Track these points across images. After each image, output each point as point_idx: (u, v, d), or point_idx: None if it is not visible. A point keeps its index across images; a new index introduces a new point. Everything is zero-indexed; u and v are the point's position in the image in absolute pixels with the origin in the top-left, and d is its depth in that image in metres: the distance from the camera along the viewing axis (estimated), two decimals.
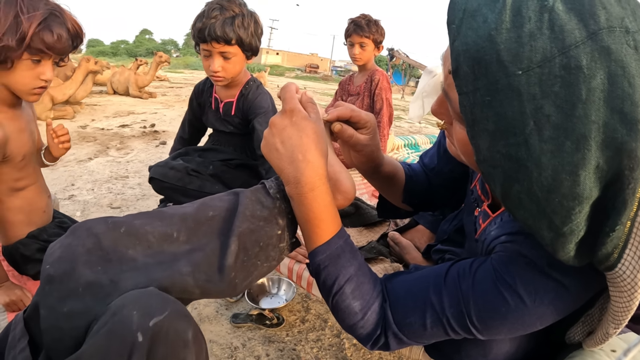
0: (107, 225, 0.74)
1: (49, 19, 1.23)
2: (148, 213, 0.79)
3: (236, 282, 0.78)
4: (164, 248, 0.74)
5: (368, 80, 2.94)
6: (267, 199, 0.83)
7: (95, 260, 0.70)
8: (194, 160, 1.99)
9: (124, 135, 5.98)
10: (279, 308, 2.08)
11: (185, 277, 0.72)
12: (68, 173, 4.26)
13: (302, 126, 0.80)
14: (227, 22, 1.70)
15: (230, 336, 1.93)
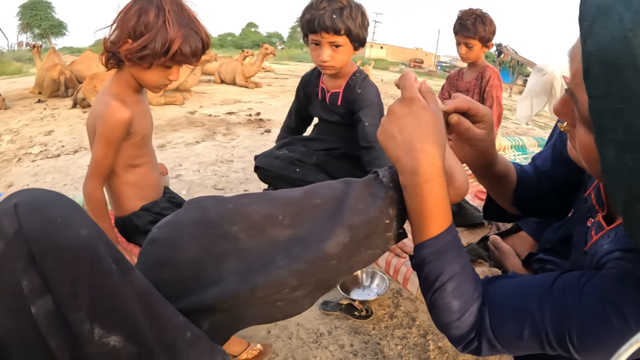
0: (215, 201, 0.81)
1: (191, 35, 1.39)
2: (256, 194, 0.83)
3: (337, 273, 0.81)
4: (267, 229, 0.77)
5: (478, 76, 2.89)
6: (380, 188, 0.82)
7: (201, 233, 0.75)
8: (298, 150, 2.07)
9: (230, 122, 6.28)
10: (369, 301, 2.11)
11: (281, 270, 0.74)
12: (176, 154, 4.59)
13: (421, 115, 0.79)
14: (336, 13, 1.75)
15: (318, 322, 2.00)
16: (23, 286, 0.57)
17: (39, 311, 0.57)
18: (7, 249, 0.57)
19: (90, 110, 1.50)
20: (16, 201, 0.60)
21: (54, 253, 0.58)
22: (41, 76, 8.96)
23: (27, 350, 0.59)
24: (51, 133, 5.74)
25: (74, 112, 7.13)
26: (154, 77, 1.44)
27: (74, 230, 0.61)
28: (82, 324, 0.58)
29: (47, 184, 3.90)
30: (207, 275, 0.74)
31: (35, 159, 4.65)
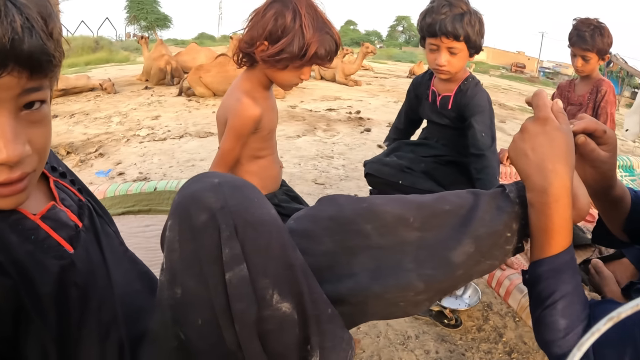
0: (350, 199, 0.89)
1: (326, 36, 1.44)
2: (389, 196, 0.90)
3: (459, 280, 0.87)
4: (397, 229, 0.84)
5: (593, 90, 2.73)
6: (506, 202, 0.87)
7: (336, 229, 0.84)
8: (406, 157, 2.07)
9: (330, 119, 6.33)
10: (459, 310, 2.13)
11: (410, 272, 0.81)
12: (278, 146, 4.65)
13: (554, 136, 0.83)
14: (456, 19, 1.79)
15: (407, 325, 2.03)
16: (224, 254, 0.65)
17: (233, 277, 0.65)
18: (212, 220, 0.65)
19: (222, 103, 1.58)
20: (217, 181, 0.69)
21: (254, 226, 0.68)
22: (149, 65, 9.54)
23: (205, 311, 0.67)
24: (157, 118, 6.06)
25: (179, 100, 7.50)
26: (288, 77, 1.50)
27: (267, 209, 0.71)
28: (265, 290, 0.67)
29: (153, 164, 4.12)
30: (340, 268, 0.82)
31: (142, 140, 4.92)
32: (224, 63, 7.61)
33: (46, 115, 0.65)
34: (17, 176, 0.61)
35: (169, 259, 0.70)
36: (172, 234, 0.68)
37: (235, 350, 0.68)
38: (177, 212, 0.68)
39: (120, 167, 4.04)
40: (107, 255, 0.81)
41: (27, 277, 0.65)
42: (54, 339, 0.68)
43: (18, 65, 0.55)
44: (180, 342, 0.71)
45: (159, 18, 40.14)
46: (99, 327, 0.74)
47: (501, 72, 39.95)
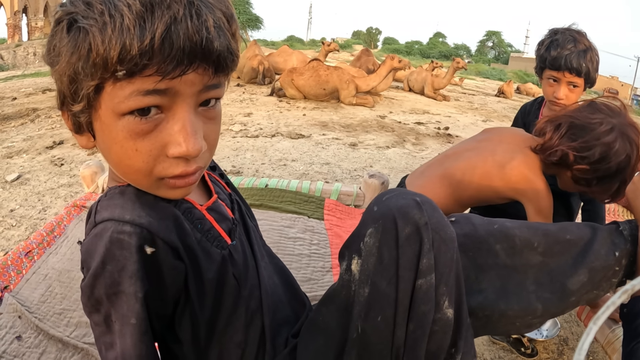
0: (483, 219, 0.99)
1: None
2: (517, 221, 0.99)
3: (569, 306, 0.95)
4: (523, 252, 0.92)
5: None
6: (620, 239, 0.93)
7: (469, 245, 0.93)
8: None
9: (419, 132, 6.28)
10: (537, 340, 2.10)
11: (531, 294, 0.90)
12: (367, 155, 4.69)
13: None
14: (581, 55, 1.81)
15: (485, 347, 2.05)
16: (421, 263, 0.73)
17: (424, 284, 0.73)
18: (417, 234, 0.73)
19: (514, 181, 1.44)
20: (419, 199, 0.77)
21: (446, 242, 0.76)
22: (242, 63, 9.82)
23: (387, 310, 0.75)
24: (250, 115, 6.23)
25: (270, 100, 7.69)
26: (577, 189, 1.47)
27: (451, 228, 0.79)
28: (442, 296, 0.76)
29: (246, 159, 4.23)
30: (470, 283, 0.90)
31: (235, 135, 5.08)
32: (316, 67, 7.75)
33: (220, 112, 0.68)
34: (193, 170, 0.64)
35: (365, 262, 0.77)
36: (373, 240, 0.76)
37: (400, 346, 0.75)
38: (382, 222, 0.76)
39: (214, 159, 4.15)
40: (254, 248, 0.86)
41: (196, 263, 0.70)
42: (206, 321, 0.74)
43: (205, 62, 0.58)
44: (356, 334, 0.78)
45: (251, 19, 41.19)
46: (245, 314, 0.79)
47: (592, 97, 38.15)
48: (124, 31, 0.52)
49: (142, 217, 0.64)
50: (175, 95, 0.59)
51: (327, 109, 7.36)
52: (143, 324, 0.64)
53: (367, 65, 11.14)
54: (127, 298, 0.63)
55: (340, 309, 0.81)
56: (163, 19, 0.53)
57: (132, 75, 0.55)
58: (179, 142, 0.60)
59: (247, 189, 1.89)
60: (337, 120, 6.45)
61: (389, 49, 45.05)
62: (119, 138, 0.60)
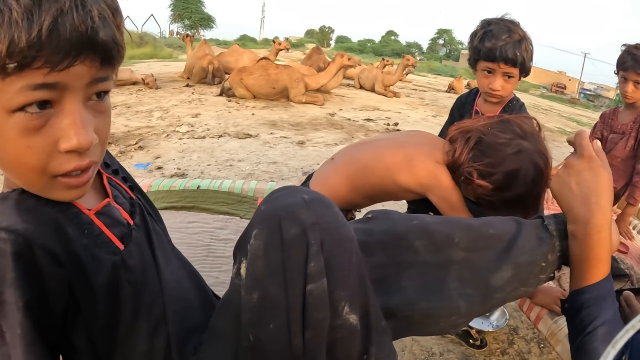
0: (402, 215, 0.96)
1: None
2: (439, 216, 0.99)
3: (495, 304, 0.95)
4: (444, 248, 0.89)
5: (637, 119, 2.64)
6: (546, 234, 0.93)
7: (388, 243, 0.89)
8: None
9: (369, 129, 6.32)
10: (486, 331, 2.13)
11: (453, 291, 0.87)
12: (316, 153, 4.70)
13: (599, 172, 0.89)
14: (516, 45, 1.78)
15: (433, 341, 2.04)
16: (309, 267, 0.69)
17: (315, 289, 0.69)
18: (303, 235, 0.69)
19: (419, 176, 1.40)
20: (308, 197, 0.73)
21: (340, 243, 0.73)
22: (191, 63, 9.71)
23: (280, 317, 0.70)
24: (198, 116, 6.14)
25: (220, 100, 7.59)
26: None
27: (349, 227, 0.76)
28: (340, 302, 0.72)
29: (192, 161, 4.16)
30: (389, 281, 0.87)
31: (182, 137, 4.99)
32: (266, 66, 7.71)
33: (109, 106, 0.68)
34: (86, 164, 0.63)
35: (252, 265, 0.72)
36: (259, 242, 0.71)
37: (300, 355, 0.72)
38: (267, 222, 0.72)
39: (159, 162, 4.09)
40: (157, 253, 0.84)
41: (80, 269, 0.67)
42: (102, 330, 0.71)
43: (92, 54, 0.58)
44: (249, 343, 0.74)
45: (203, 18, 40.81)
46: (148, 322, 0.77)
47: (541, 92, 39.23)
48: (12, 25, 0.53)
49: (18, 223, 0.61)
50: (64, 89, 0.59)
51: (277, 107, 7.33)
52: (29, 334, 0.61)
53: (318, 64, 11.15)
54: (10, 308, 0.60)
55: (233, 314, 0.77)
56: (50, 11, 0.54)
57: (22, 68, 0.55)
58: (70, 136, 0.60)
59: (179, 191, 1.84)
60: (286, 119, 6.42)
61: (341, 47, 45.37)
62: (11, 136, 0.59)
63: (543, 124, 7.99)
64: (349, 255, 0.73)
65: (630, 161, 2.66)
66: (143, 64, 13.80)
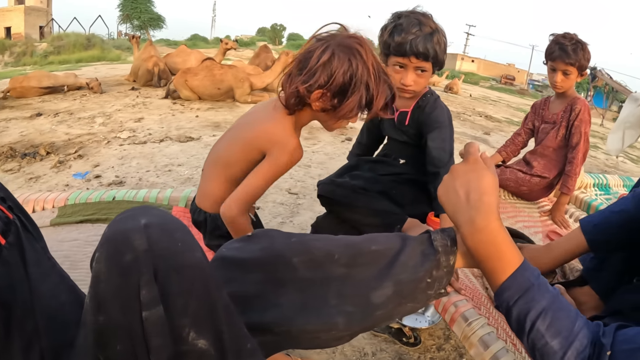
0: (282, 233, 0.96)
1: (386, 88, 1.39)
2: (322, 235, 0.97)
3: (378, 320, 0.92)
4: (324, 265, 0.90)
5: (567, 109, 2.67)
6: (431, 250, 0.93)
7: (265, 260, 0.91)
8: (363, 176, 2.00)
9: (314, 126, 6.33)
10: (420, 329, 2.08)
11: (332, 308, 0.87)
12: None
13: (482, 174, 0.89)
14: (427, 38, 1.73)
15: (365, 341, 1.99)
16: (142, 295, 0.68)
17: (150, 316, 0.69)
18: (136, 262, 0.68)
19: (262, 126, 1.46)
20: (145, 222, 0.71)
21: (177, 270, 0.71)
22: (137, 65, 9.55)
23: (124, 340, 0.71)
24: (141, 120, 6.06)
25: (164, 103, 7.50)
26: (340, 124, 1.45)
27: (192, 253, 0.74)
28: (183, 328, 0.71)
29: (131, 168, 4.12)
30: (267, 298, 0.88)
31: (123, 143, 4.93)
32: (210, 67, 7.66)
33: None
34: None
35: (96, 288, 0.71)
36: (100, 265, 0.70)
37: None
38: (107, 246, 0.71)
39: (98, 170, 4.04)
40: (31, 270, 0.84)
41: None
42: None
43: None
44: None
45: (153, 18, 39.96)
46: (21, 338, 0.78)
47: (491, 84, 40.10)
48: None
49: None
50: None
51: (222, 108, 7.29)
52: None
53: (266, 62, 11.12)
54: None
55: (86, 333, 0.76)
56: None
57: None
58: None
59: (95, 203, 1.84)
60: (230, 119, 6.38)
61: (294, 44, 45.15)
62: None
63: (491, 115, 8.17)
64: (190, 283, 0.72)
65: (562, 151, 2.68)
66: (90, 67, 13.51)
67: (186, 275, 0.72)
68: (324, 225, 2.02)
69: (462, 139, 7.46)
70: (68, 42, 21.08)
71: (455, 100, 15.01)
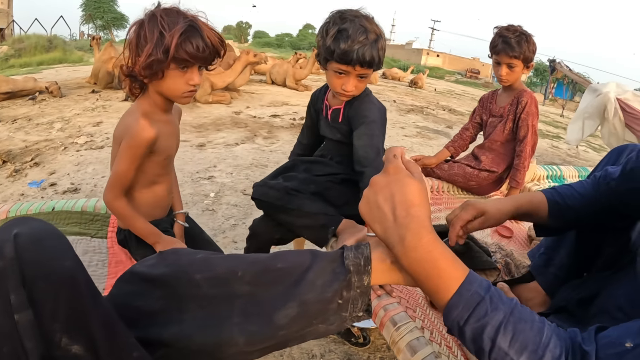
0: (189, 251, 0.97)
1: (188, 32, 1.41)
2: (229, 254, 0.96)
3: (287, 340, 0.88)
4: (228, 282, 0.88)
5: (514, 102, 2.64)
6: (342, 269, 0.86)
7: (170, 276, 0.90)
8: (297, 178, 1.95)
9: (274, 125, 6.40)
10: (369, 329, 2.07)
11: (234, 326, 0.85)
12: (214, 155, 4.73)
13: (406, 183, 0.81)
14: (373, 46, 1.68)
15: (314, 343, 1.98)
16: (12, 299, 0.71)
17: (20, 320, 0.71)
18: (4, 269, 0.71)
19: (119, 122, 1.56)
20: (16, 232, 0.74)
21: (45, 277, 0.73)
22: (97, 67, 9.40)
23: (7, 342, 0.73)
24: (99, 124, 6.01)
25: (125, 105, 7.43)
26: (175, 86, 1.46)
27: (61, 261, 0.75)
28: (54, 333, 0.73)
29: (87, 174, 4.10)
30: (171, 313, 0.88)
31: (80, 148, 4.90)
32: None
33: None
34: None
35: None
36: None
37: None
38: None
39: (54, 177, 4.02)
40: None
41: None
42: None
43: None
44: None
45: (116, 17, 39.26)
46: None
47: (456, 78, 40.56)
48: None
49: None
50: None
51: (183, 109, 7.15)
52: None
53: (228, 61, 11.09)
54: None
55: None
56: None
57: None
58: None
59: (35, 214, 1.86)
60: (190, 121, 6.39)
61: (259, 42, 44.94)
62: None
63: (454, 109, 8.28)
64: (57, 289, 0.74)
65: (510, 144, 2.65)
66: (52, 69, 13.25)
67: (53, 282, 0.73)
68: (261, 229, 2.04)
69: (424, 133, 7.58)
70: (29, 44, 20.57)
71: (419, 94, 15.20)
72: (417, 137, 7.19)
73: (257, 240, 2.08)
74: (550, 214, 1.28)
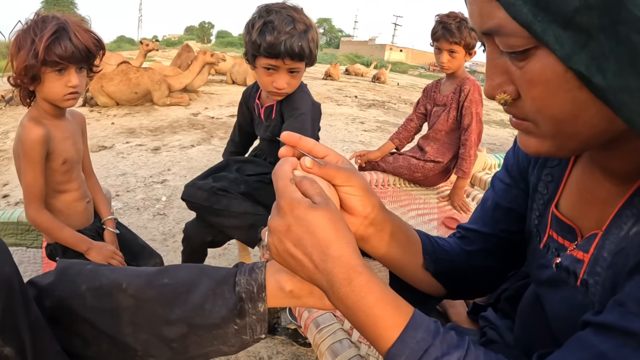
0: (81, 262, 0.92)
1: (56, 34, 1.43)
2: (119, 267, 0.92)
3: (184, 351, 0.83)
4: (112, 294, 0.85)
5: (457, 90, 2.58)
6: (232, 294, 0.80)
7: (57, 285, 0.87)
8: (227, 178, 1.94)
9: (231, 125, 6.34)
10: None
11: (127, 336, 0.83)
12: (169, 158, 4.68)
13: (307, 219, 0.65)
14: (302, 38, 1.60)
15: (261, 345, 1.94)
16: None
17: None
18: None
19: (16, 137, 1.54)
20: None
21: None
22: None
23: None
24: None
25: (81, 111, 7.18)
26: (53, 89, 1.46)
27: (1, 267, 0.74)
28: None
29: None
30: (67, 326, 0.86)
31: None
32: (126, 71, 7.47)
33: None
34: None
35: None
36: None
37: None
38: None
39: (7, 189, 3.92)
40: None
41: None
42: None
43: None
44: None
45: None
46: None
47: (420, 72, 40.94)
48: None
49: None
50: None
51: (140, 113, 7.14)
52: None
53: (188, 62, 10.99)
54: None
55: None
56: None
57: None
58: None
59: None
60: (146, 124, 6.30)
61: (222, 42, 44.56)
62: None
63: None
64: None
65: (454, 133, 2.62)
66: None
67: None
68: (192, 231, 2.03)
69: (384, 127, 7.65)
70: None
71: (382, 89, 15.31)
72: (377, 131, 7.24)
73: (190, 242, 2.07)
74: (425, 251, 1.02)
